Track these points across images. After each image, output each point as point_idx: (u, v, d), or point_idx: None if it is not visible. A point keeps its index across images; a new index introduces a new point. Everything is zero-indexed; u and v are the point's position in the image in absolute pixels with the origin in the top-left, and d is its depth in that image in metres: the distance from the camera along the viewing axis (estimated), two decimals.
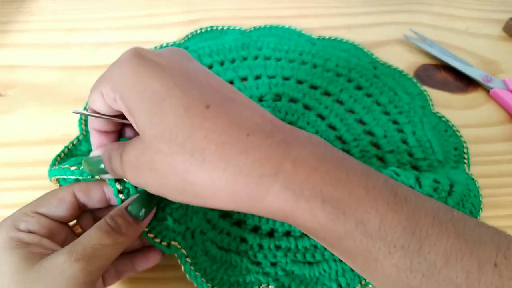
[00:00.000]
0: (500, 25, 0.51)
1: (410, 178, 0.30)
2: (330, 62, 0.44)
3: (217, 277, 0.26)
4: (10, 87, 0.41)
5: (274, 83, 0.41)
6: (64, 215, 0.24)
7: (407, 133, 0.37)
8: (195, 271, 0.25)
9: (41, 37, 0.47)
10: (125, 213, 0.23)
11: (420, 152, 0.36)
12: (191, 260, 0.25)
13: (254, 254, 0.28)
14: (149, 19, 0.50)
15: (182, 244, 0.25)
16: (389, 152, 0.36)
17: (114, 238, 0.21)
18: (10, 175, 0.34)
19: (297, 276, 0.28)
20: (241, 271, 0.27)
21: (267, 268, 0.28)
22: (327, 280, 0.28)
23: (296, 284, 0.27)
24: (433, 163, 0.35)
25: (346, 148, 0.36)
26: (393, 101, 0.40)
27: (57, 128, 0.37)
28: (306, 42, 0.46)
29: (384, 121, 0.38)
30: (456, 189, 0.30)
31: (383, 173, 0.20)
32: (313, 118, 0.38)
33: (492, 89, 0.42)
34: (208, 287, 0.25)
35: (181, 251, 0.25)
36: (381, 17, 0.52)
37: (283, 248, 0.29)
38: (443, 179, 0.31)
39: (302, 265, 0.28)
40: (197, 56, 0.43)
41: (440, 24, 0.51)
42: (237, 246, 0.28)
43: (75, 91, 0.41)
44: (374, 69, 0.43)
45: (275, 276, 0.28)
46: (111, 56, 0.44)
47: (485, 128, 0.39)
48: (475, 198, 0.32)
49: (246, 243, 0.29)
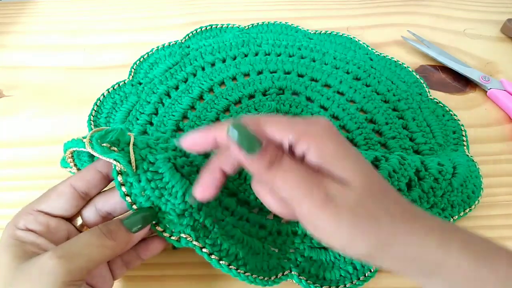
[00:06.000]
0: (498, 26, 0.52)
1: (415, 162, 0.32)
2: (328, 56, 0.45)
3: (251, 262, 0.26)
4: (13, 87, 0.41)
5: (277, 77, 0.42)
6: (64, 207, 0.24)
7: (407, 119, 0.39)
8: (220, 259, 0.25)
9: (44, 38, 0.48)
10: (119, 222, 0.23)
11: (421, 136, 0.37)
12: (210, 249, 0.25)
13: (274, 240, 0.29)
14: (151, 21, 0.51)
15: (194, 236, 0.25)
16: (392, 138, 0.37)
17: (101, 240, 0.22)
18: (12, 174, 0.34)
19: (315, 261, 0.29)
20: (263, 258, 0.28)
21: (288, 254, 0.29)
22: (342, 264, 0.29)
23: (315, 269, 0.28)
24: (434, 146, 0.37)
25: (351, 136, 0.38)
26: (392, 90, 0.42)
27: (60, 129, 0.38)
28: (304, 37, 0.48)
29: (385, 109, 0.40)
30: (459, 171, 0.32)
31: None
32: (317, 110, 0.40)
33: (489, 89, 0.43)
34: (239, 273, 0.25)
35: (192, 243, 0.25)
36: (379, 18, 0.53)
37: (300, 235, 0.30)
38: (446, 162, 0.33)
39: (319, 250, 0.29)
40: (199, 54, 0.44)
41: (438, 25, 0.52)
42: (257, 232, 0.29)
43: (78, 92, 0.41)
44: (371, 60, 0.45)
45: (295, 262, 0.28)
46: (113, 57, 0.45)
47: (482, 128, 0.40)
48: (476, 179, 0.34)
49: (265, 230, 0.29)
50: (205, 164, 0.24)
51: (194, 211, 0.25)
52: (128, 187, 0.24)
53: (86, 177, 0.24)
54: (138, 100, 0.39)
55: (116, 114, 0.38)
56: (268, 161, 0.21)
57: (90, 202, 0.25)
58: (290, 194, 0.21)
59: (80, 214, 0.25)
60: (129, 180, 0.24)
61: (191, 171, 0.27)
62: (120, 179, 0.24)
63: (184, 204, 0.24)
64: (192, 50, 0.44)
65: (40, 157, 0.35)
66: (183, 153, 0.27)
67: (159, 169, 0.24)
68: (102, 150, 0.23)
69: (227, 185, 0.30)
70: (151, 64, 0.43)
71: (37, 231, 0.22)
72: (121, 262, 0.25)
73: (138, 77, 0.42)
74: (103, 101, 0.39)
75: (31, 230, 0.22)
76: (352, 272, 0.28)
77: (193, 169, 0.27)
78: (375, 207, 0.20)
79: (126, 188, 0.24)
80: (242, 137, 0.20)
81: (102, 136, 0.23)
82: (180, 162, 0.26)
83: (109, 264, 0.25)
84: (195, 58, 0.44)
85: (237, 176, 0.30)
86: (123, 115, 0.38)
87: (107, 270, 0.25)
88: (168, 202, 0.24)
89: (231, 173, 0.23)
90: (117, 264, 0.25)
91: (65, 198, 0.24)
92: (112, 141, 0.24)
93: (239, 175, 0.30)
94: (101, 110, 0.38)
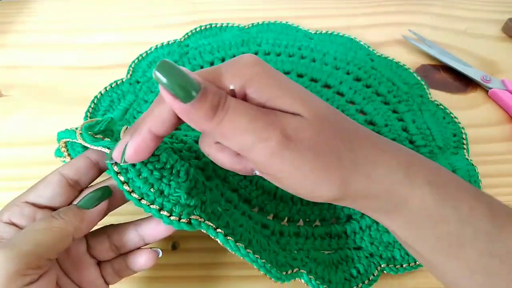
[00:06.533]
0: (499, 25, 0.51)
1: None
2: (328, 56, 0.44)
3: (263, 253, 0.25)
4: (11, 87, 0.41)
5: None
6: (51, 196, 0.23)
7: (407, 121, 0.38)
8: (236, 242, 0.23)
9: (42, 37, 0.47)
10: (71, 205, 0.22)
11: (421, 139, 0.37)
12: (225, 230, 0.23)
13: (277, 240, 0.29)
14: (150, 20, 0.50)
15: (205, 217, 0.23)
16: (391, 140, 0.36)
17: (48, 223, 0.20)
18: (10, 175, 0.34)
19: (320, 263, 0.28)
20: (270, 254, 0.27)
21: (294, 254, 0.28)
22: (345, 267, 0.29)
23: (321, 271, 0.28)
24: (434, 149, 0.36)
25: None
26: (392, 91, 0.41)
27: (58, 128, 0.37)
28: (304, 37, 0.47)
29: (384, 111, 0.39)
30: (458, 174, 0.31)
31: None
32: None
33: (491, 89, 0.42)
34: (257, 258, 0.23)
35: (205, 224, 0.22)
36: (380, 18, 0.53)
37: (301, 235, 0.29)
38: (445, 165, 0.33)
39: (322, 253, 0.29)
40: (198, 53, 0.44)
41: (439, 24, 0.52)
42: (261, 230, 0.29)
43: (76, 91, 0.41)
44: (371, 61, 0.44)
45: (302, 262, 0.28)
46: (112, 56, 0.45)
47: (484, 128, 0.40)
48: (475, 184, 0.33)
49: (268, 229, 0.29)
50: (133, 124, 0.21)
51: (200, 192, 0.24)
52: (124, 173, 0.22)
53: (75, 164, 0.24)
54: (136, 99, 0.39)
55: (113, 113, 0.37)
56: (210, 106, 0.17)
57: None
58: (243, 142, 0.18)
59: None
60: (123, 167, 0.22)
61: (190, 156, 0.26)
62: (115, 168, 0.22)
63: (189, 182, 0.23)
64: (191, 49, 0.44)
65: (38, 157, 0.35)
66: (180, 140, 0.26)
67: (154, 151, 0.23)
68: (92, 140, 0.22)
69: (227, 179, 0.29)
70: (149, 62, 0.43)
71: (19, 225, 0.22)
72: (111, 269, 0.25)
73: (136, 75, 0.41)
74: (100, 99, 0.39)
75: (14, 223, 0.22)
76: (356, 276, 0.28)
77: (192, 154, 0.26)
78: (335, 141, 0.19)
79: (123, 175, 0.22)
80: (173, 80, 0.17)
81: (92, 125, 0.23)
82: (177, 147, 0.25)
83: (100, 271, 0.24)
84: (194, 57, 0.43)
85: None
86: (121, 113, 0.37)
87: (98, 276, 0.24)
88: (171, 181, 0.23)
89: (164, 134, 0.20)
90: (107, 271, 0.24)
91: (52, 187, 0.23)
92: (103, 131, 0.23)
93: None
94: (98, 108, 0.38)
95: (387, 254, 0.29)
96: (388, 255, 0.29)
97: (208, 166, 0.27)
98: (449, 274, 0.20)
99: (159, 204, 0.22)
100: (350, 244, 0.30)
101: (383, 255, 0.29)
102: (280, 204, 0.31)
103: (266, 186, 0.31)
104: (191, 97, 0.17)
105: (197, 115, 0.17)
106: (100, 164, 0.24)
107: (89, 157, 0.24)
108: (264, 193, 0.31)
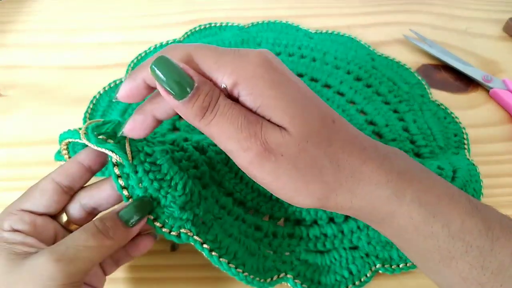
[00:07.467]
0: (500, 25, 0.51)
1: None
2: (329, 55, 0.44)
3: (248, 263, 0.26)
4: (10, 87, 0.41)
5: None
6: (48, 204, 0.23)
7: (408, 121, 0.38)
8: (220, 257, 0.24)
9: (42, 37, 0.47)
10: (115, 217, 0.22)
11: (422, 139, 0.37)
12: (211, 245, 0.24)
13: (269, 242, 0.29)
14: (149, 19, 0.50)
15: (194, 231, 0.24)
16: (392, 140, 0.37)
17: (100, 241, 0.21)
18: (9, 175, 0.34)
19: (310, 265, 0.28)
20: (259, 259, 0.27)
21: (284, 257, 0.28)
22: (338, 268, 0.28)
23: (311, 273, 0.28)
24: (435, 149, 0.36)
25: None
26: (393, 91, 0.41)
27: (57, 128, 0.37)
28: (304, 37, 0.47)
29: (385, 111, 0.39)
30: (459, 174, 0.32)
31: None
32: None
33: (492, 89, 0.42)
34: (238, 272, 0.24)
35: (193, 238, 0.23)
36: (381, 17, 0.52)
37: (295, 237, 0.29)
38: (446, 165, 0.32)
39: (314, 254, 0.29)
40: None
41: (440, 24, 0.51)
42: (253, 233, 0.29)
43: (75, 91, 0.41)
44: (372, 61, 0.44)
45: (291, 265, 0.28)
46: (111, 56, 0.45)
47: (485, 128, 0.39)
48: (476, 183, 0.33)
49: (261, 231, 0.29)
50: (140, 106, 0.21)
51: (194, 205, 0.24)
52: (125, 178, 0.23)
53: (68, 171, 0.23)
54: None
55: (112, 112, 0.37)
56: (200, 106, 0.18)
57: (74, 197, 0.24)
58: (226, 147, 0.19)
59: (65, 210, 0.24)
60: (126, 171, 0.23)
61: (188, 166, 0.26)
62: (117, 171, 0.22)
63: (185, 196, 0.23)
64: None
65: (37, 157, 0.35)
66: (181, 147, 0.27)
67: (156, 160, 0.23)
68: (97, 141, 0.22)
69: (223, 185, 0.29)
70: None
71: (24, 231, 0.21)
72: (111, 260, 0.25)
73: None
74: (99, 99, 0.38)
75: (18, 230, 0.21)
76: (348, 277, 0.28)
77: (190, 164, 0.26)
78: (318, 157, 0.19)
79: (123, 180, 0.23)
80: (168, 77, 0.17)
81: (98, 126, 0.23)
82: (178, 156, 0.25)
83: None
84: None
85: (233, 176, 0.30)
86: (119, 113, 0.37)
87: (97, 266, 0.24)
88: (168, 194, 0.23)
89: (165, 119, 0.21)
90: (106, 261, 0.25)
91: (48, 195, 0.23)
92: (108, 133, 0.23)
93: (235, 175, 0.30)
94: (97, 108, 0.38)
95: (384, 254, 0.29)
96: (385, 255, 0.29)
97: (206, 175, 0.27)
98: (443, 280, 0.21)
99: (154, 214, 0.23)
100: (345, 244, 0.29)
101: (380, 255, 0.29)
102: (276, 205, 0.31)
103: (261, 189, 0.30)
104: (185, 94, 0.18)
105: (187, 113, 0.18)
106: (92, 168, 0.24)
107: (81, 162, 0.24)
108: (259, 195, 0.30)
